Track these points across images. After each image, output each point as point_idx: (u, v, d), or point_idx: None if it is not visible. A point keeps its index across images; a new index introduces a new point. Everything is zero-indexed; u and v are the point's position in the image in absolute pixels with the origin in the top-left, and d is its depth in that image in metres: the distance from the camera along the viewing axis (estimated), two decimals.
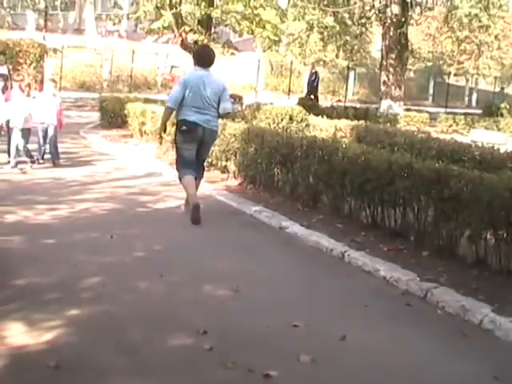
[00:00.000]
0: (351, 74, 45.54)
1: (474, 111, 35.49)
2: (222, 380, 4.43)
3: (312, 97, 27.83)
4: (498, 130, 24.23)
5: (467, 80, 52.00)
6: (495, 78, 49.20)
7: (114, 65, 35.74)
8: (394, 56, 24.72)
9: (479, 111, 33.47)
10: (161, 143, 11.16)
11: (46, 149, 12.66)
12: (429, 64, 47.58)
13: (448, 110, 36.21)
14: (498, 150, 10.78)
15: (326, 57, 37.77)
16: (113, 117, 18.79)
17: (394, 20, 24.35)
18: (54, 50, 28.56)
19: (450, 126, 26.22)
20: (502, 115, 28.11)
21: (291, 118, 14.68)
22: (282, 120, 14.57)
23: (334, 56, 36.48)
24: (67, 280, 6.09)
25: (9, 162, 11.93)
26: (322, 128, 15.80)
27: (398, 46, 24.70)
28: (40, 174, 11.68)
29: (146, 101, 18.42)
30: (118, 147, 15.69)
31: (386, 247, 7.54)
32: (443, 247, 7.24)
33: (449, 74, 48.29)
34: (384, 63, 25.18)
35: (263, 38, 25.29)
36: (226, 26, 24.37)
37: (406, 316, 5.85)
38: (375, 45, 37.39)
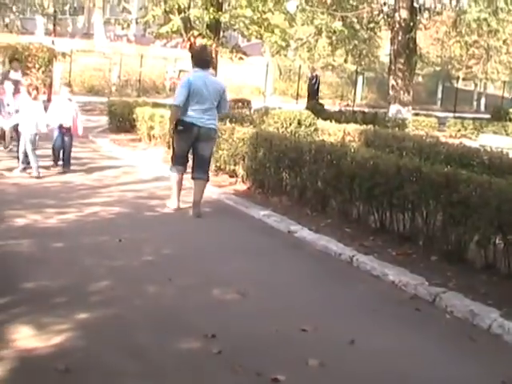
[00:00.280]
0: (360, 79, 45.60)
1: (483, 116, 35.46)
2: None
3: (313, 100, 27.78)
4: (507, 134, 24.19)
5: (476, 84, 51.95)
6: (504, 82, 49.18)
7: (122, 69, 35.87)
8: (402, 60, 24.68)
9: (488, 116, 33.44)
10: (169, 147, 11.18)
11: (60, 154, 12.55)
12: (437, 68, 47.57)
13: (456, 114, 36.25)
14: (507, 154, 10.78)
15: (334, 61, 37.77)
16: (121, 121, 18.83)
17: (403, 24, 24.31)
18: (63, 55, 28.66)
19: (459, 130, 26.18)
20: (510, 120, 28.08)
21: (299, 123, 14.66)
22: (290, 124, 14.56)
23: (343, 61, 36.45)
24: (76, 283, 6.10)
25: (25, 167, 11.85)
26: (331, 132, 15.81)
27: (407, 50, 24.66)
28: (49, 177, 11.70)
29: (155, 105, 18.45)
30: (127, 151, 15.73)
31: (395, 252, 7.53)
32: (452, 252, 7.22)
33: (457, 79, 48.28)
34: (392, 68, 25.13)
35: (272, 43, 25.30)
36: (234, 30, 24.37)
37: (415, 320, 5.84)
38: (384, 49, 37.32)
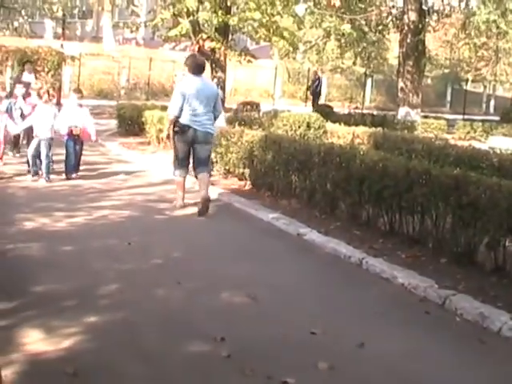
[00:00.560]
0: (368, 81, 45.55)
1: (492, 118, 35.40)
2: None
3: (314, 102, 27.84)
4: None
5: (485, 87, 51.82)
6: None
7: (131, 72, 35.94)
8: (411, 63, 24.67)
9: (497, 118, 33.36)
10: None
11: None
12: (446, 71, 47.46)
13: (466, 116, 36.11)
14: None
15: (343, 64, 37.76)
16: (130, 124, 18.83)
17: (412, 27, 24.31)
18: (72, 58, 28.74)
19: (468, 132, 26.08)
20: None
21: (308, 125, 14.68)
22: (299, 127, 14.58)
23: (352, 63, 36.44)
24: (85, 287, 6.11)
25: (36, 170, 11.84)
26: (340, 135, 15.78)
27: (416, 52, 24.65)
28: (58, 181, 11.72)
29: (164, 108, 18.37)
30: (136, 154, 15.75)
31: (404, 254, 7.51)
32: (461, 254, 7.19)
33: (466, 81, 48.13)
34: (401, 70, 25.13)
35: (280, 46, 25.34)
36: (243, 33, 24.43)
37: (424, 323, 5.82)
38: (392, 52, 37.31)
